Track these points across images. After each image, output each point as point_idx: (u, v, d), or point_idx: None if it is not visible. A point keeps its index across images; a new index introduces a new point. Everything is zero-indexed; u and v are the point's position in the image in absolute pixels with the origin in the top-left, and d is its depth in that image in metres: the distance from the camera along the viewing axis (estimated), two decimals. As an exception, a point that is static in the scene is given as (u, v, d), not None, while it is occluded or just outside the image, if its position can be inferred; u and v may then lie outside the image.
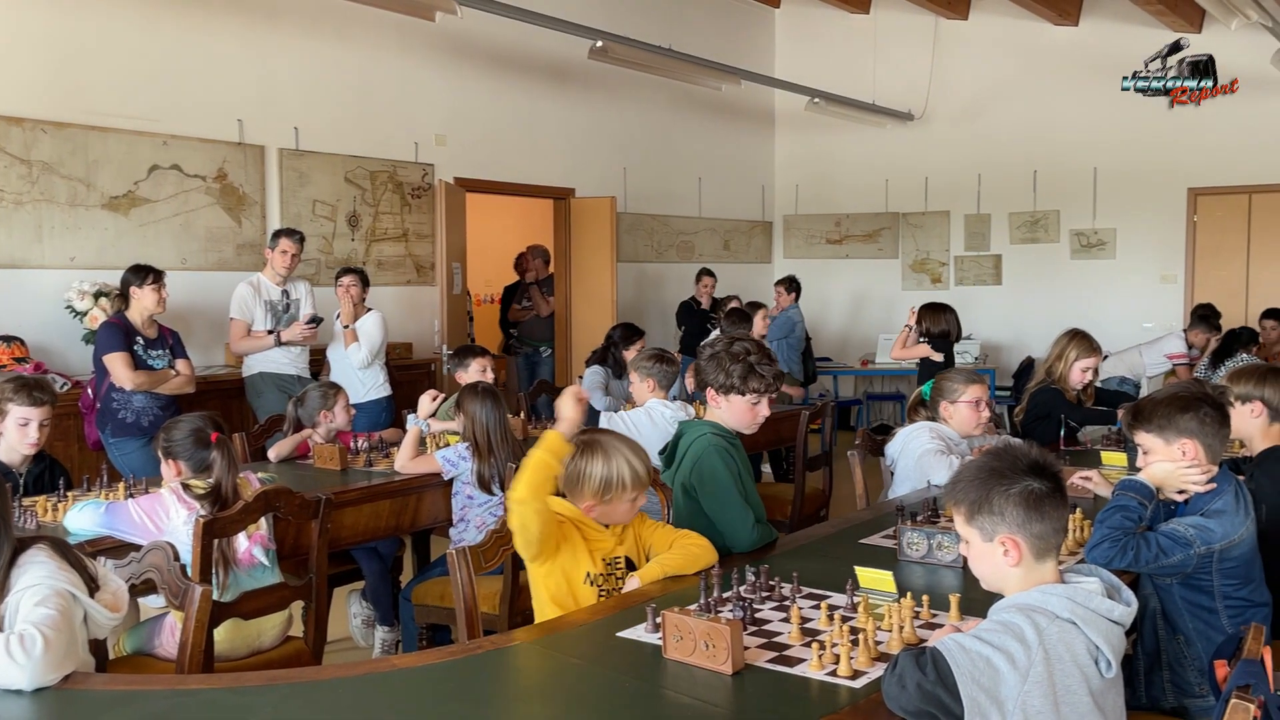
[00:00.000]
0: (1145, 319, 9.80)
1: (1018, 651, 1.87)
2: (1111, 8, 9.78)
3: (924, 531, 2.97)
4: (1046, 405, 4.93)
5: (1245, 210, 9.66)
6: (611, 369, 6.06)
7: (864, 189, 11.34)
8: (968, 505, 2.07)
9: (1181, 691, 2.75)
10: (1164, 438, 2.81)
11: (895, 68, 10.90)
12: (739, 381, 3.17)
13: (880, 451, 4.37)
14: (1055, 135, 10.28)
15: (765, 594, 2.60)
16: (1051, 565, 2.05)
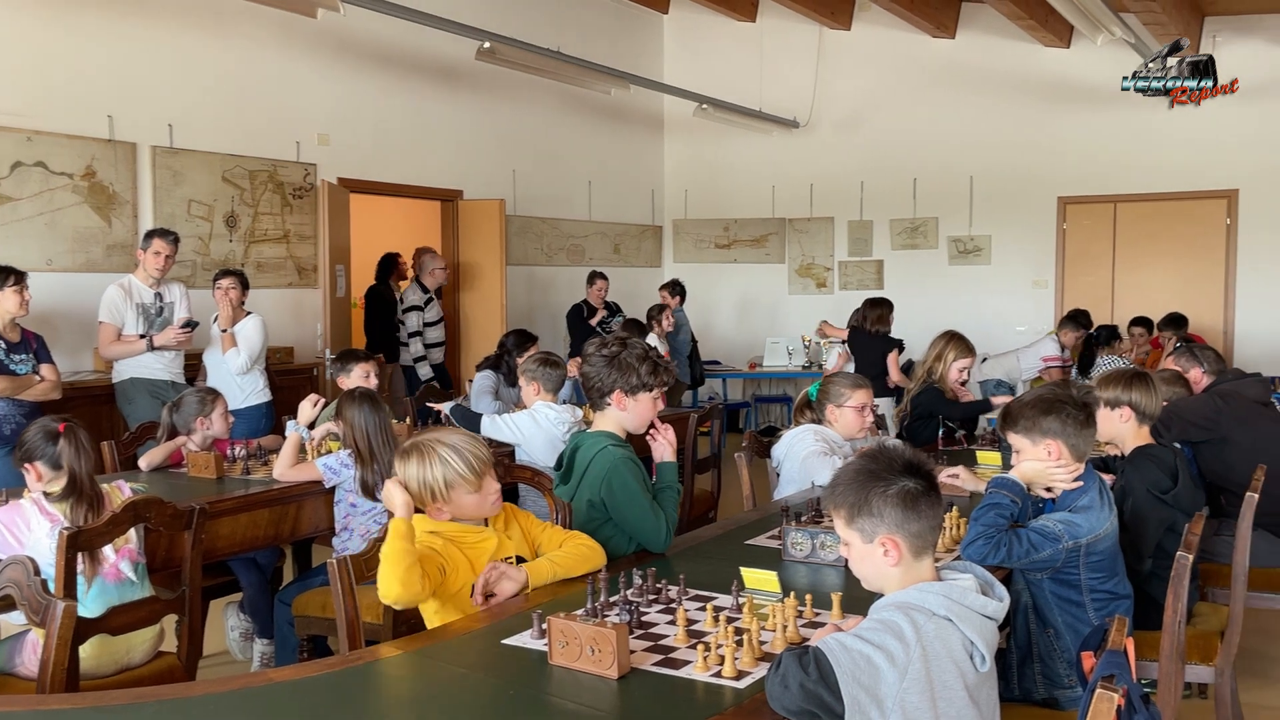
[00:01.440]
0: (1019, 323, 10.16)
1: (896, 649, 1.91)
2: (986, 22, 10.12)
3: (807, 531, 3.01)
4: (928, 405, 5.08)
5: (1111, 219, 10.09)
6: (504, 375, 6.00)
7: (752, 195, 11.49)
8: (847, 508, 2.10)
9: (1052, 683, 2.85)
10: (1030, 438, 2.91)
11: (782, 75, 11.08)
12: (650, 378, 3.18)
13: (767, 453, 4.43)
14: (934, 144, 10.59)
15: (652, 597, 2.60)
16: (929, 563, 2.10)
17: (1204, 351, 4.83)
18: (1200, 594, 3.94)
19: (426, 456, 2.68)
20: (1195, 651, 3.31)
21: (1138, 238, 9.98)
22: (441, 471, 2.67)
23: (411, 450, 2.72)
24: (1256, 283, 9.46)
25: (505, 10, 9.01)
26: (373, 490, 3.98)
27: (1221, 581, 3.80)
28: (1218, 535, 4.05)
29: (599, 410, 3.25)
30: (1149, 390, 3.51)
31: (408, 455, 2.71)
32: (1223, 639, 3.39)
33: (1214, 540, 4.03)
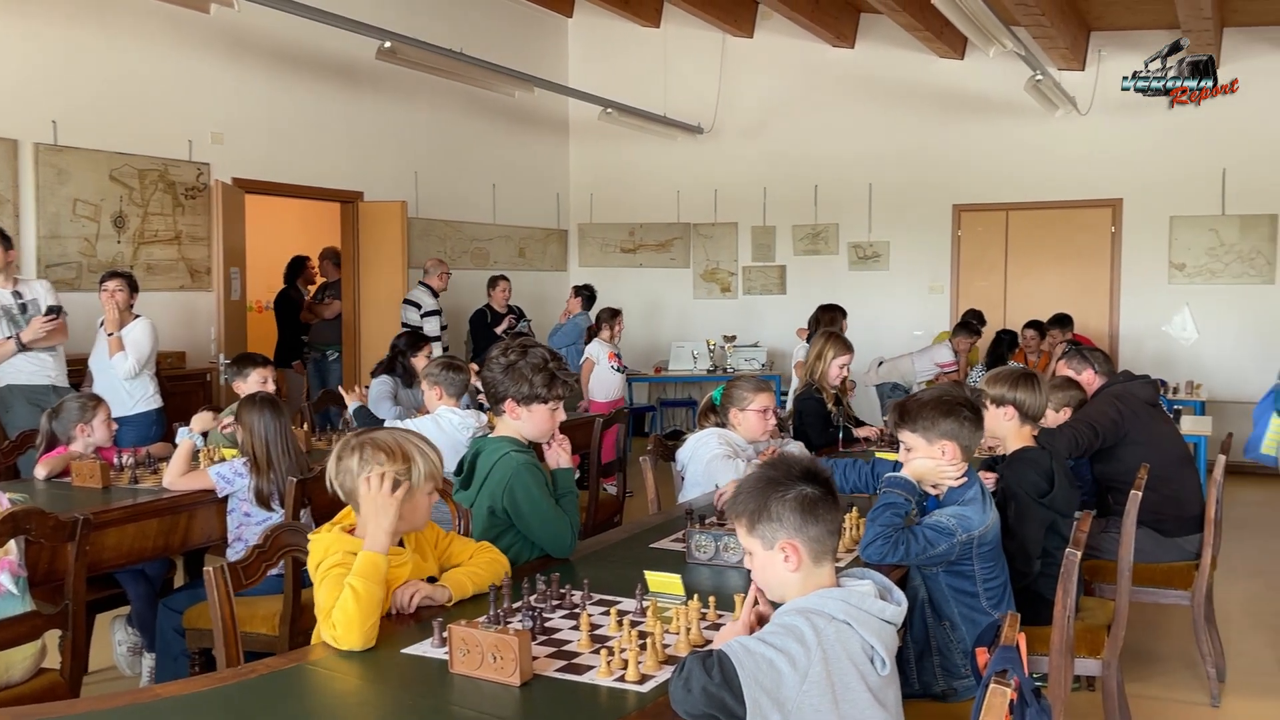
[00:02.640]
0: (916, 327, 10.40)
1: (798, 652, 1.93)
2: (884, 32, 10.34)
3: (711, 534, 3.03)
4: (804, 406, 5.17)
5: (1003, 226, 10.39)
6: (401, 378, 5.91)
7: (657, 199, 11.54)
8: (748, 516, 2.12)
9: (950, 674, 2.91)
10: (926, 438, 2.97)
11: (686, 81, 11.16)
12: (544, 389, 3.13)
13: (672, 457, 4.44)
14: (834, 152, 10.77)
15: (555, 602, 2.58)
16: (829, 568, 2.12)
17: (1093, 354, 4.99)
18: (1087, 589, 4.08)
19: (401, 447, 2.49)
20: (1083, 645, 3.42)
21: (1028, 244, 10.30)
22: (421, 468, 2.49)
23: (377, 444, 2.49)
24: (1139, 288, 9.84)
25: (406, 10, 8.89)
26: (268, 500, 3.87)
27: (1108, 577, 3.93)
28: (1104, 533, 4.20)
29: (499, 415, 3.22)
30: (1034, 390, 3.61)
31: (369, 448, 2.47)
32: (1109, 633, 3.51)
33: (1101, 537, 4.18)
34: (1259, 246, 9.38)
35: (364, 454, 2.48)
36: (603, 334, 8.25)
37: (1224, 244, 9.50)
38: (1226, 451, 4.49)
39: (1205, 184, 9.48)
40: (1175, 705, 4.19)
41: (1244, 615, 5.27)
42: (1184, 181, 9.54)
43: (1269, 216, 9.31)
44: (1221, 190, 9.44)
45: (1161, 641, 4.90)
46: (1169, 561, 4.30)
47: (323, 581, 2.38)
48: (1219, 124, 9.36)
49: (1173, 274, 9.70)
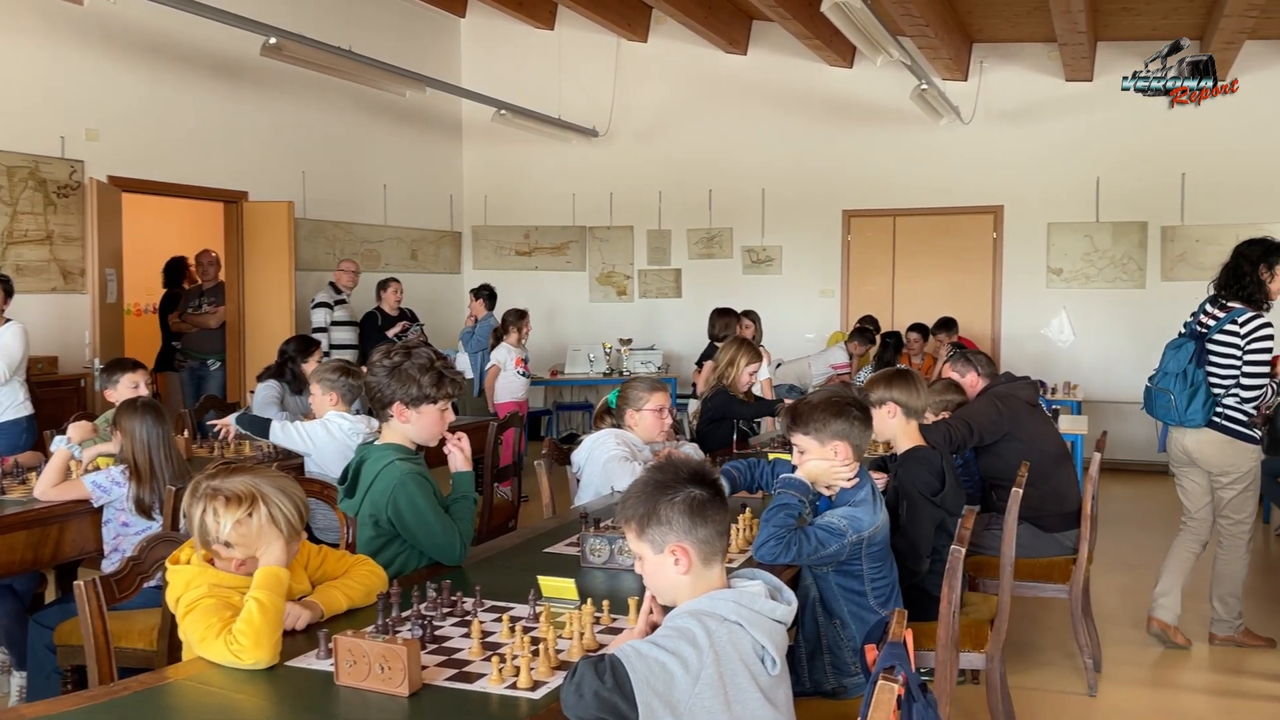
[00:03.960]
0: (808, 330, 10.57)
1: (690, 655, 1.93)
2: (775, 40, 10.49)
3: (606, 537, 3.01)
4: (721, 408, 5.21)
5: (890, 231, 10.65)
6: (289, 384, 5.75)
7: (552, 202, 11.50)
8: (637, 520, 2.12)
9: (840, 672, 2.95)
10: (818, 439, 3.01)
11: (580, 84, 11.15)
12: (432, 390, 3.06)
13: (567, 460, 4.42)
14: (728, 157, 10.89)
15: (446, 610, 2.53)
16: (719, 570, 2.13)
17: (976, 356, 5.13)
18: (972, 585, 4.18)
19: (259, 495, 2.36)
20: (968, 639, 3.51)
21: (915, 249, 10.56)
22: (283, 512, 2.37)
23: (226, 496, 2.35)
24: (1019, 292, 10.17)
25: (293, 6, 8.68)
26: (149, 509, 3.73)
27: (991, 573, 4.04)
28: (988, 529, 4.31)
29: (384, 422, 3.14)
30: (910, 386, 3.67)
31: (218, 502, 2.34)
32: (992, 626, 3.60)
33: (984, 534, 4.29)
34: (1130, 252, 9.79)
35: (211, 508, 2.34)
36: (509, 337, 8.16)
37: (1098, 250, 9.89)
38: (1101, 449, 4.66)
39: (1080, 192, 9.86)
40: (1055, 695, 4.33)
41: (1119, 607, 5.48)
42: (1061, 190, 9.91)
43: (1139, 224, 9.73)
44: (1096, 198, 9.83)
45: (1042, 634, 5.06)
46: (1048, 556, 4.45)
47: (189, 613, 2.26)
48: (1093, 135, 9.76)
49: (1050, 279, 10.05)
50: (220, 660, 2.19)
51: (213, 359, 8.66)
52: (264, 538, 2.35)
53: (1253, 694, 4.39)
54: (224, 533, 2.33)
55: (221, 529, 2.33)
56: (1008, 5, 8.92)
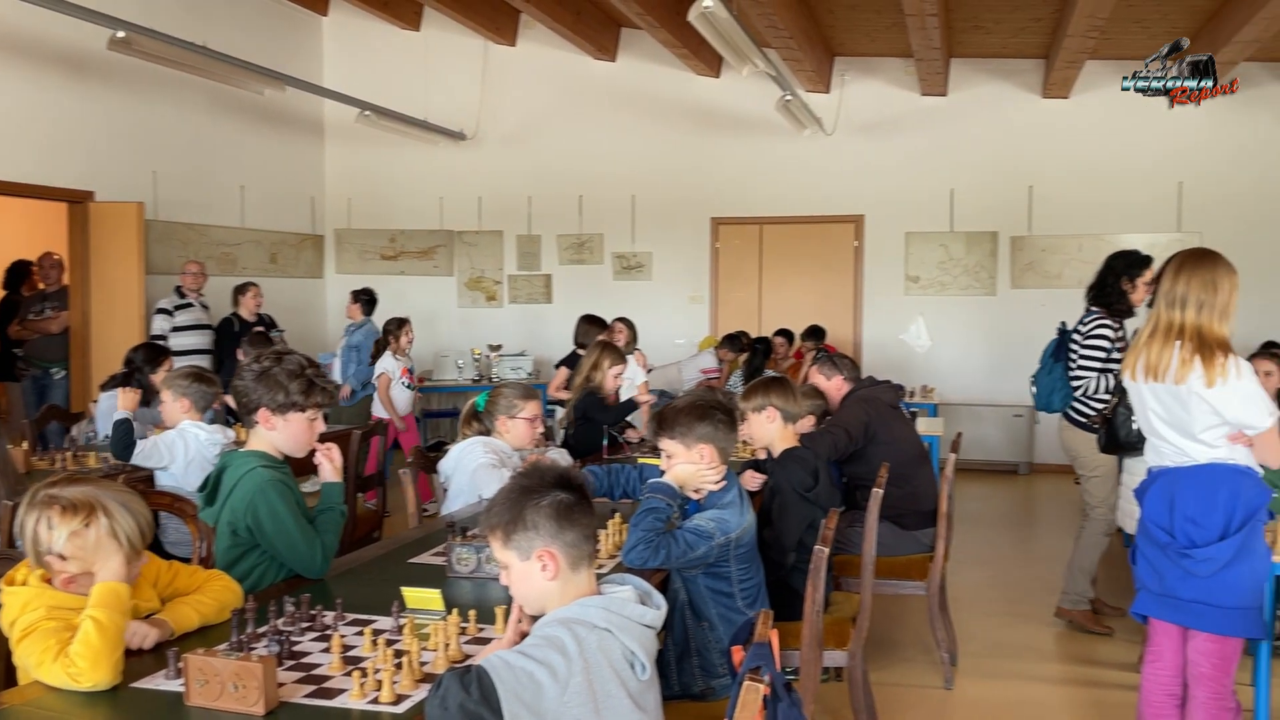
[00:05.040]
0: (677, 336, 10.67)
1: (559, 663, 1.91)
2: (644, 48, 10.56)
3: (473, 546, 2.97)
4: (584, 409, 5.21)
5: (758, 239, 10.84)
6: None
7: (419, 205, 11.32)
8: (503, 527, 2.09)
9: (708, 674, 2.98)
10: (685, 443, 3.04)
11: (447, 87, 11.01)
12: (301, 397, 2.96)
13: (434, 469, 4.34)
14: (598, 163, 10.90)
15: (305, 625, 2.45)
16: (587, 575, 2.12)
17: (842, 360, 5.27)
18: (836, 584, 4.28)
19: (99, 506, 2.23)
20: (831, 638, 3.58)
21: (781, 257, 10.78)
22: (124, 527, 2.24)
23: (63, 505, 2.22)
24: (879, 298, 10.48)
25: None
26: (-20, 526, 3.49)
27: (854, 571, 4.14)
28: (851, 528, 4.42)
29: (250, 429, 3.03)
30: (788, 393, 3.77)
31: (70, 509, 2.21)
32: (855, 624, 3.69)
33: (848, 533, 4.40)
34: (982, 261, 10.20)
35: (46, 517, 2.21)
36: (392, 346, 7.92)
37: (953, 258, 10.27)
38: (957, 450, 4.85)
39: (936, 203, 10.23)
40: (913, 690, 4.46)
41: (973, 602, 5.69)
42: (917, 200, 10.25)
43: (990, 234, 10.14)
44: (950, 209, 10.20)
45: (901, 630, 5.22)
46: (908, 554, 4.60)
47: (26, 637, 2.13)
48: (947, 148, 10.13)
49: (909, 286, 10.39)
50: (58, 684, 2.07)
51: (56, 367, 8.21)
52: (101, 551, 2.22)
53: (1101, 683, 4.61)
54: (58, 544, 2.19)
55: (55, 539, 2.19)
56: (867, 20, 9.19)
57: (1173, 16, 8.35)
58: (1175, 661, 3.25)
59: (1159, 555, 3.19)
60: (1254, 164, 9.51)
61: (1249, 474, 3.11)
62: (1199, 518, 3.08)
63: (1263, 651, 3.43)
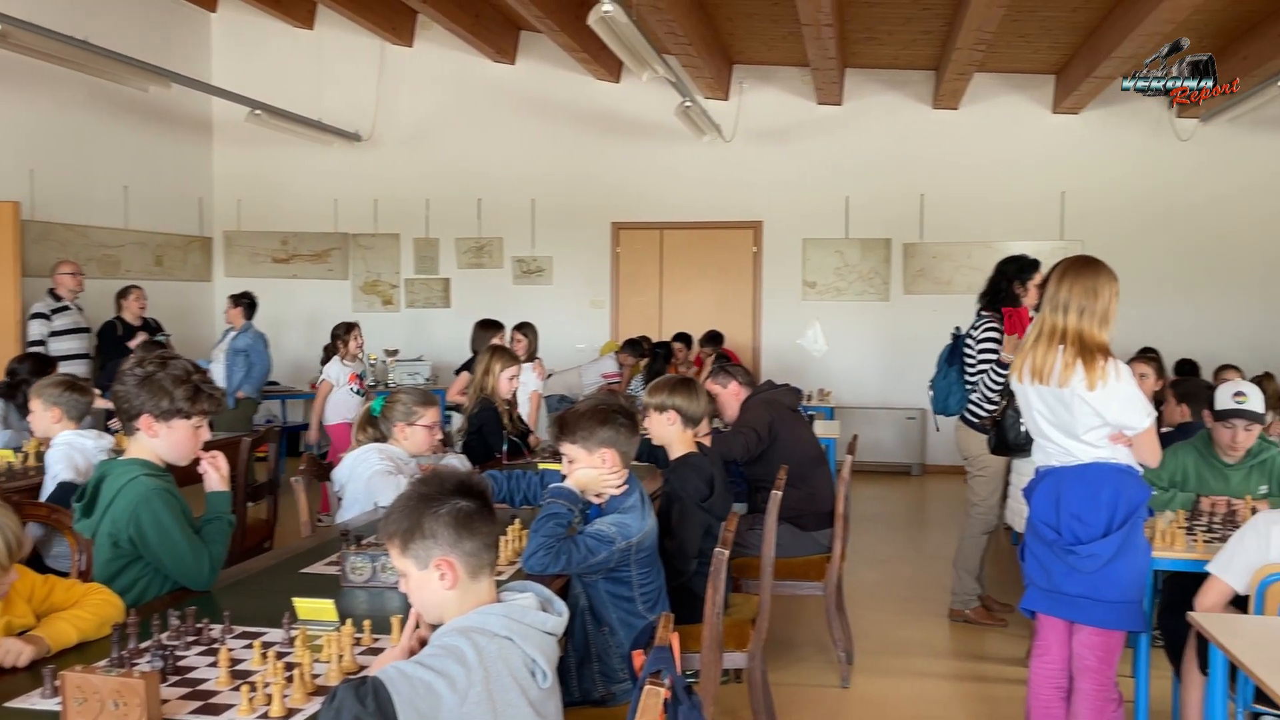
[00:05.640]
0: (578, 340, 10.65)
1: (458, 674, 1.87)
2: (544, 52, 10.52)
3: (368, 555, 2.90)
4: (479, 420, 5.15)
5: (658, 244, 10.89)
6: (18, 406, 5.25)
7: (312, 207, 11.08)
8: (400, 535, 2.05)
9: (608, 679, 2.96)
10: (586, 448, 3.02)
11: (342, 87, 10.81)
12: (186, 404, 2.85)
13: (328, 476, 4.24)
14: (498, 166, 10.82)
15: (191, 639, 2.37)
16: (487, 583, 2.08)
17: (736, 369, 5.34)
18: (736, 586, 4.31)
19: None
20: (731, 639, 3.60)
21: (681, 262, 10.85)
22: None
23: None
24: (777, 304, 10.63)
25: (20, -12, 7.96)
26: None
27: (753, 573, 4.17)
28: (751, 530, 4.46)
29: (130, 435, 2.91)
30: (692, 396, 3.78)
31: None
32: (754, 625, 3.72)
33: (748, 534, 4.43)
34: (876, 268, 10.42)
35: None
36: (340, 352, 7.68)
37: (848, 265, 10.47)
38: (853, 452, 4.94)
39: (832, 210, 10.41)
40: (811, 690, 4.52)
41: (869, 600, 5.80)
42: (814, 207, 10.43)
43: (884, 241, 10.37)
44: (845, 216, 10.40)
45: (799, 630, 5.28)
46: (806, 555, 4.66)
47: None
48: (842, 156, 10.33)
49: (806, 292, 10.56)
50: None
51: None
52: None
53: (991, 677, 4.74)
54: None
55: None
56: (764, 29, 9.32)
57: (1055, 32, 8.67)
58: (1062, 655, 3.36)
59: (1046, 552, 3.29)
60: (1131, 175, 9.92)
61: (1130, 472, 3.23)
62: (1084, 515, 3.19)
63: (1142, 643, 3.57)
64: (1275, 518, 3.07)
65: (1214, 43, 8.61)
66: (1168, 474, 4.12)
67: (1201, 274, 9.83)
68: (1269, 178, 9.71)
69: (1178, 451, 4.17)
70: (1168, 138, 9.83)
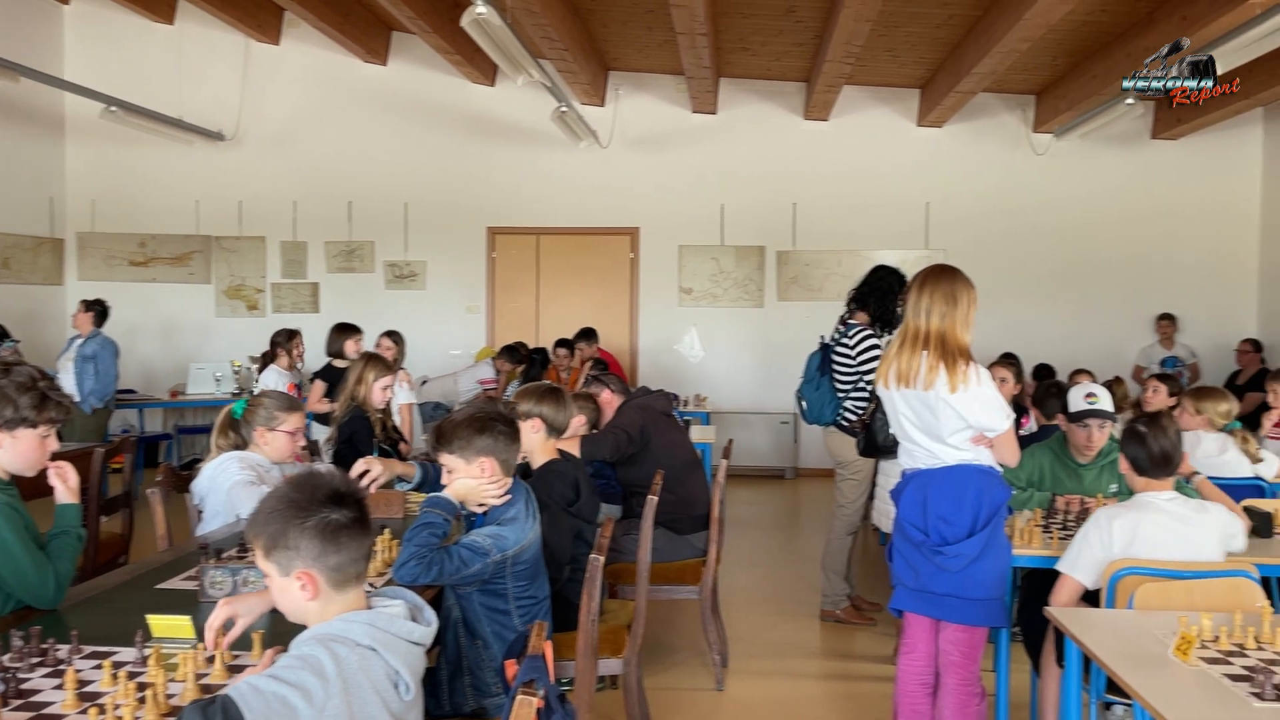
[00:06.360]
0: (453, 347, 10.51)
1: (315, 686, 1.80)
2: (417, 53, 10.36)
3: (228, 569, 2.79)
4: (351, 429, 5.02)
5: (535, 249, 10.83)
6: None
7: (173, 209, 10.66)
8: (265, 539, 1.96)
9: (480, 693, 2.90)
10: (464, 457, 2.96)
11: (205, 85, 10.44)
12: (32, 412, 2.70)
13: (187, 488, 4.06)
14: (369, 168, 10.60)
15: (36, 660, 2.23)
16: (355, 594, 2.01)
17: (610, 377, 5.34)
18: (611, 591, 4.30)
19: None
20: (607, 646, 3.59)
21: (558, 267, 10.81)
22: None
23: None
24: (654, 309, 10.69)
25: None
26: None
27: (629, 578, 4.17)
28: (627, 535, 4.46)
29: (-26, 446, 2.74)
30: (558, 404, 3.75)
31: None
32: (630, 631, 3.71)
33: (624, 540, 4.43)
34: (751, 275, 10.58)
35: None
36: (280, 360, 7.31)
37: (724, 271, 10.60)
38: (728, 456, 4.99)
39: (707, 218, 10.53)
40: (687, 693, 4.54)
41: (744, 603, 5.86)
42: (690, 215, 10.53)
43: (758, 248, 10.53)
44: (721, 224, 10.53)
45: (675, 634, 5.30)
46: (681, 559, 4.67)
47: None
48: (717, 165, 10.46)
49: (682, 298, 10.65)
50: None
51: None
52: None
53: (860, 675, 4.84)
54: None
55: None
56: (640, 36, 9.37)
57: (920, 48, 8.95)
58: (928, 652, 3.45)
59: (914, 553, 3.37)
60: (991, 187, 10.32)
61: (992, 473, 3.34)
62: (950, 516, 3.28)
63: (1003, 639, 3.69)
64: (1114, 513, 3.21)
65: (1066, 61, 9.03)
66: (1026, 474, 4.29)
67: (1058, 282, 10.28)
68: (1116, 190, 10.23)
69: (1035, 452, 4.34)
70: (1025, 151, 10.26)
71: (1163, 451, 3.23)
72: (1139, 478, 3.29)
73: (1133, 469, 3.30)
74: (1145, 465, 3.25)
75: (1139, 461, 3.26)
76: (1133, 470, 3.30)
